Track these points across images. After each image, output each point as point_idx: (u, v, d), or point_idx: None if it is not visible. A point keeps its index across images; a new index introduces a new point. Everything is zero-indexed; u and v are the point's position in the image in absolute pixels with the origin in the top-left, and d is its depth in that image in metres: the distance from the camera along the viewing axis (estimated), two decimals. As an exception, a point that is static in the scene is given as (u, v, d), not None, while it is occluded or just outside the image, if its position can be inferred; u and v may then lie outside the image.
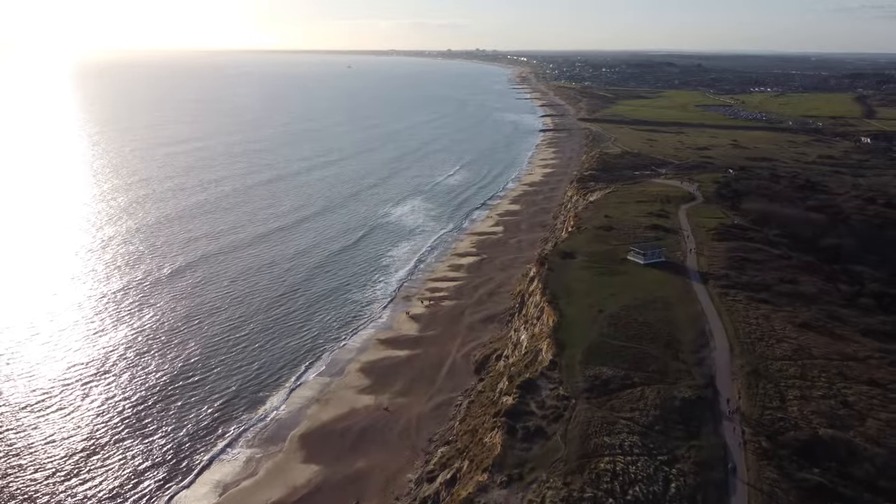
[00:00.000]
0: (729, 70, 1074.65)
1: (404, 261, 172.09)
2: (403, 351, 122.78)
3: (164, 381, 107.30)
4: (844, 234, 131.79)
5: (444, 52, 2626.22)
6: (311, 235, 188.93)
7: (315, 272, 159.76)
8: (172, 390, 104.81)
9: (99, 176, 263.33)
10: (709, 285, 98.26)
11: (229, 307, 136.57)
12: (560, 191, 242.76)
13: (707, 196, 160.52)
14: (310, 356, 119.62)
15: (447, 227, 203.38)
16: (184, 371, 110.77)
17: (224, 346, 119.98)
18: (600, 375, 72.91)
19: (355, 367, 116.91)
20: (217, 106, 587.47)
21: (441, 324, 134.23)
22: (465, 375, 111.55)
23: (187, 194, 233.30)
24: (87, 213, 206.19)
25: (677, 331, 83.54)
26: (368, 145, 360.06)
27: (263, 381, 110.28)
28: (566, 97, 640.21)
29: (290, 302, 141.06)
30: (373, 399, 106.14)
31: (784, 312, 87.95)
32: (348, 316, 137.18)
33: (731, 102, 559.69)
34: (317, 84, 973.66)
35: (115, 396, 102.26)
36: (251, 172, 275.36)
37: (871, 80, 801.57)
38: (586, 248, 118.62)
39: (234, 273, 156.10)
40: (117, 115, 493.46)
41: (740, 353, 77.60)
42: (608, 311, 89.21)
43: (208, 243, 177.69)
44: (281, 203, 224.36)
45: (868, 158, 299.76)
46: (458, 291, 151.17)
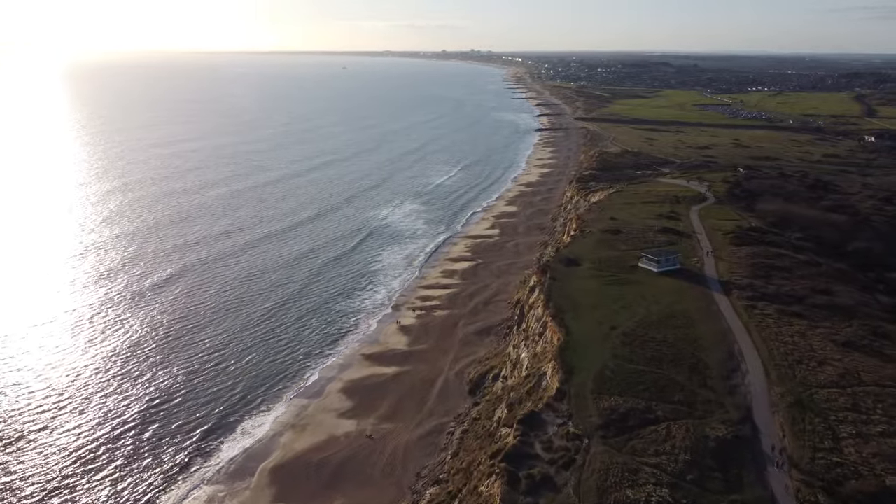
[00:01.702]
0: (725, 70, 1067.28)
1: (395, 267, 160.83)
2: (390, 368, 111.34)
3: (130, 410, 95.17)
4: (872, 237, 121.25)
5: (439, 53, 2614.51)
6: (304, 242, 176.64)
7: (305, 281, 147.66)
8: (136, 421, 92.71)
9: (85, 179, 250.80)
10: (732, 297, 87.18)
11: (212, 323, 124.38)
12: (559, 191, 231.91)
13: (719, 196, 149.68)
14: (289, 376, 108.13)
15: (441, 230, 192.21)
16: (154, 397, 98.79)
17: (201, 368, 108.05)
18: (617, 408, 61.65)
19: (337, 387, 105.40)
20: (212, 107, 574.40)
21: (432, 336, 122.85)
22: (458, 397, 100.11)
23: (177, 198, 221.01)
24: (68, 220, 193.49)
25: (702, 352, 72.35)
26: (365, 146, 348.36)
27: (236, 405, 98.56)
28: (562, 97, 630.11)
29: (276, 316, 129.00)
30: (354, 425, 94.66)
31: (822, 329, 76.92)
32: (332, 328, 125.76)
33: (730, 101, 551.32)
34: (313, 84, 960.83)
35: (70, 430, 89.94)
36: (244, 175, 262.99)
37: (869, 80, 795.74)
38: (592, 253, 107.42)
39: (220, 284, 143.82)
40: (111, 115, 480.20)
41: (778, 380, 66.47)
42: (621, 328, 77.97)
43: (196, 251, 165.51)
44: (274, 207, 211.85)
45: (875, 157, 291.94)
46: (451, 300, 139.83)
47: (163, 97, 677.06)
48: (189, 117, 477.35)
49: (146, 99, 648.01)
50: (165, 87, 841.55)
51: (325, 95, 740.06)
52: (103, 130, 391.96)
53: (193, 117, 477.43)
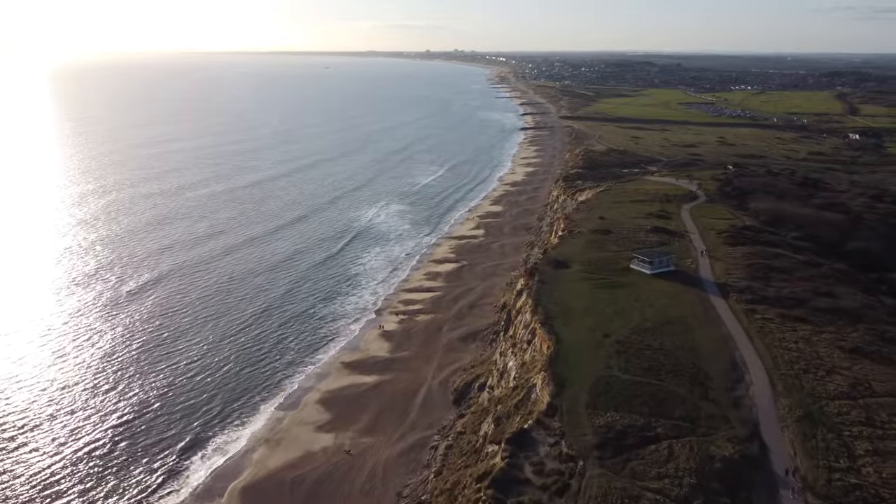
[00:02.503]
0: (708, 69, 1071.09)
1: (377, 270, 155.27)
2: (371, 376, 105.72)
3: (98, 428, 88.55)
4: (870, 236, 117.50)
5: (422, 53, 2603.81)
6: (286, 245, 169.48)
7: (286, 287, 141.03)
8: (104, 440, 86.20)
9: (64, 180, 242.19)
10: (731, 300, 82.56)
11: (189, 332, 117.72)
12: (544, 190, 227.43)
13: (710, 194, 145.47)
14: (266, 386, 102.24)
15: (425, 232, 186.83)
16: (124, 414, 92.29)
17: (175, 381, 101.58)
18: (613, 425, 56.57)
19: (314, 398, 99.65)
20: (201, 105, 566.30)
21: (415, 342, 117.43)
22: (442, 408, 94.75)
23: (156, 200, 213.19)
24: (41, 223, 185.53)
25: (702, 361, 67.53)
26: (350, 146, 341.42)
27: (209, 420, 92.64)
28: (546, 96, 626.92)
29: (256, 323, 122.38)
30: (332, 439, 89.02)
31: (827, 334, 72.46)
32: (311, 335, 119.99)
33: (713, 100, 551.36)
34: (298, 85, 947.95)
35: (33, 450, 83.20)
36: (226, 176, 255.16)
37: (850, 79, 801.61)
38: (582, 255, 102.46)
39: (199, 291, 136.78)
40: (98, 115, 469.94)
41: (785, 391, 61.79)
42: (615, 336, 72.97)
43: (174, 256, 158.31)
44: (256, 210, 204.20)
45: (860, 155, 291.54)
46: (434, 304, 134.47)
47: (154, 97, 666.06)
48: (177, 117, 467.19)
49: (135, 99, 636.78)
50: (158, 88, 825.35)
51: (311, 95, 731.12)
52: (88, 131, 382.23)
53: (181, 118, 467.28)
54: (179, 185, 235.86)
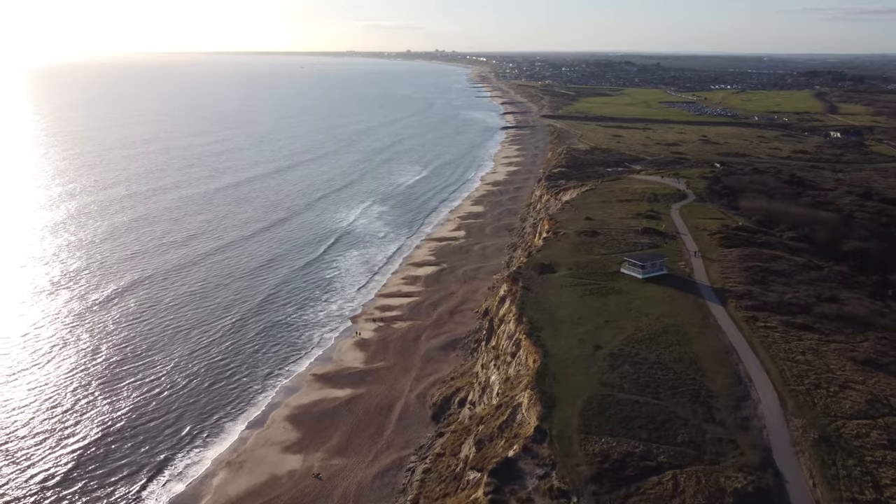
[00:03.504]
0: (687, 69, 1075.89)
1: (354, 274, 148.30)
2: (344, 390, 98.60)
3: (52, 455, 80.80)
4: (866, 236, 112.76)
5: (403, 53, 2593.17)
6: (262, 251, 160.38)
7: (259, 295, 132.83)
8: (56, 467, 78.67)
9: (35, 182, 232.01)
10: (729, 306, 76.70)
11: (156, 347, 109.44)
12: (527, 190, 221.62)
13: (699, 193, 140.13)
14: (234, 403, 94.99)
15: (404, 233, 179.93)
16: (83, 437, 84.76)
17: (139, 401, 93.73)
18: (610, 453, 50.14)
19: (282, 415, 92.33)
20: (177, 105, 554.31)
21: (392, 352, 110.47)
22: (419, 424, 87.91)
23: (130, 203, 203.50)
24: (11, 228, 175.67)
25: (704, 375, 61.41)
26: (331, 147, 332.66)
27: (173, 442, 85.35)
28: (527, 95, 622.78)
29: (227, 334, 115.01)
30: (300, 460, 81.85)
31: (836, 344, 66.79)
32: (281, 345, 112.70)
33: (694, 99, 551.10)
34: (276, 85, 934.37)
35: None
36: (204, 178, 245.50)
37: (827, 78, 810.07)
38: (568, 258, 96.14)
39: (170, 301, 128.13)
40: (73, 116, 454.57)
41: (797, 409, 55.85)
42: (607, 348, 66.66)
43: (146, 263, 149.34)
44: (233, 214, 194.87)
45: (843, 153, 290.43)
46: (413, 310, 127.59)
47: (114, 97, 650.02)
48: (155, 117, 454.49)
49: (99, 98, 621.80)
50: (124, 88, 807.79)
51: (292, 96, 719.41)
52: (61, 132, 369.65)
53: (157, 118, 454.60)
54: (153, 188, 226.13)
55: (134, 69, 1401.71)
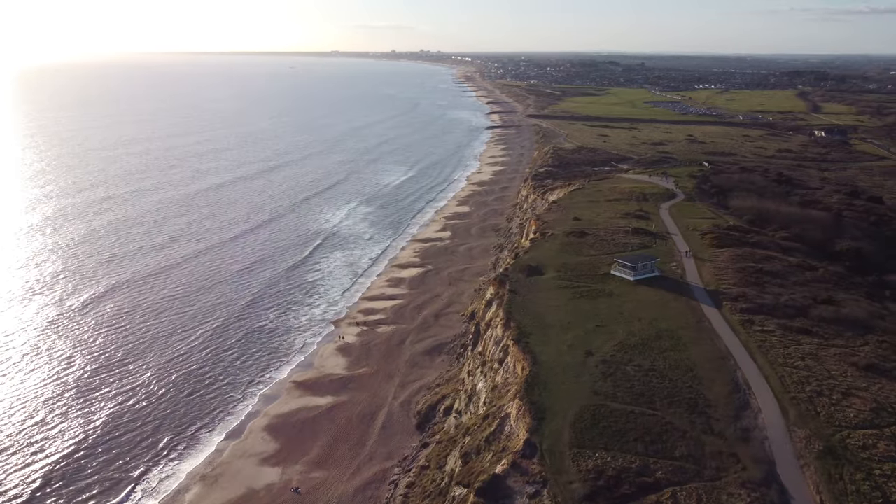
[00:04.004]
0: (671, 69, 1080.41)
1: (337, 276, 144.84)
2: (325, 398, 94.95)
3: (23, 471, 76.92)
4: (858, 235, 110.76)
5: (388, 54, 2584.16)
6: (245, 254, 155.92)
7: (240, 299, 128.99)
8: (27, 481, 74.87)
9: (14, 184, 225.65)
10: (724, 309, 73.94)
11: (134, 355, 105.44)
12: (513, 190, 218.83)
13: (688, 192, 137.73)
14: (210, 413, 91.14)
15: (389, 234, 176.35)
16: (56, 451, 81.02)
17: (114, 412, 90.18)
18: (604, 468, 47.00)
19: (260, 425, 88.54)
20: (161, 106, 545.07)
21: (375, 358, 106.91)
22: (403, 434, 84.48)
23: (109, 205, 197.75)
24: None
25: (701, 383, 58.49)
26: (317, 147, 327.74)
27: (147, 455, 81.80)
28: (513, 95, 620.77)
29: (206, 341, 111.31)
30: (278, 473, 78.18)
31: (836, 348, 64.18)
32: (263, 351, 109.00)
33: (679, 99, 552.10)
34: (262, 85, 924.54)
35: None
36: (188, 179, 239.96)
37: (809, 78, 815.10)
38: (557, 259, 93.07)
39: (149, 307, 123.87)
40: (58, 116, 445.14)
41: (799, 419, 53.04)
42: (599, 354, 63.58)
43: (125, 268, 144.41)
44: (217, 216, 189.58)
45: (828, 152, 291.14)
46: (397, 313, 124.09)
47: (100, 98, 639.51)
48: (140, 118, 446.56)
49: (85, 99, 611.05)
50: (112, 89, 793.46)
51: (274, 95, 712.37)
52: (44, 132, 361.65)
53: (143, 118, 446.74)
54: (134, 190, 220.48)
55: (122, 69, 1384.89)
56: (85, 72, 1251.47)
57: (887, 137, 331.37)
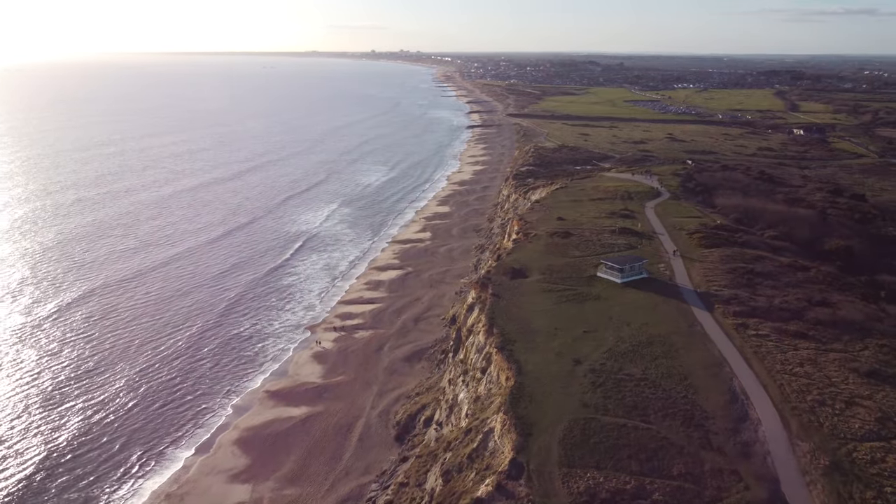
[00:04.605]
0: (650, 68, 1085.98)
1: (314, 279, 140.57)
2: (300, 408, 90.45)
3: None
4: (847, 234, 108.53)
5: (367, 53, 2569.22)
6: (221, 258, 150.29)
7: (217, 305, 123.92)
8: None
9: None
10: (716, 312, 70.68)
11: (106, 364, 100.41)
12: (494, 189, 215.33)
13: (673, 191, 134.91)
14: (179, 426, 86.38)
15: (367, 236, 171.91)
16: (12, 469, 76.04)
17: (79, 427, 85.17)
18: (597, 490, 43.24)
19: (230, 439, 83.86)
20: (139, 106, 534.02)
21: (352, 365, 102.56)
22: (381, 447, 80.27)
23: (84, 208, 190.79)
24: None
25: (696, 393, 55.03)
26: (296, 148, 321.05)
27: (110, 473, 77.10)
28: (493, 94, 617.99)
29: (179, 350, 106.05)
30: (248, 491, 73.74)
31: (835, 353, 61.14)
32: (236, 359, 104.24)
33: (658, 98, 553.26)
34: (240, 86, 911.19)
35: None
36: (165, 181, 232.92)
37: (786, 77, 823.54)
38: (541, 261, 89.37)
39: (124, 313, 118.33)
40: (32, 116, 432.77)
41: (802, 431, 49.74)
42: (588, 363, 59.89)
43: (102, 271, 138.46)
44: (193, 218, 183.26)
45: (807, 150, 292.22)
46: (375, 317, 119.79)
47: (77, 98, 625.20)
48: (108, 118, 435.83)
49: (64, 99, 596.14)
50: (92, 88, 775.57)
51: (253, 95, 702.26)
52: (17, 133, 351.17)
53: (113, 118, 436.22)
54: (109, 191, 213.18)
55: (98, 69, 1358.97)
56: (64, 72, 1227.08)
57: (864, 135, 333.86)
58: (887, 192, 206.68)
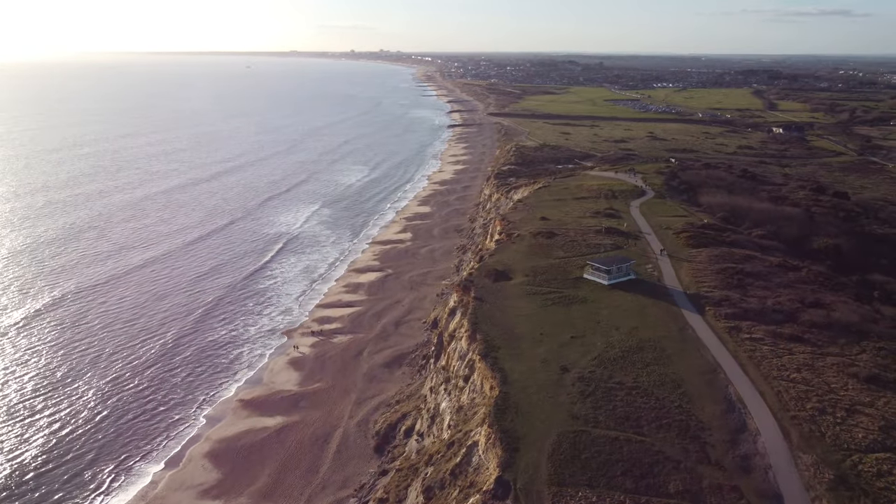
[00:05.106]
0: (629, 68, 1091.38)
1: (291, 282, 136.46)
2: (275, 418, 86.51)
3: None
4: (835, 232, 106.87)
5: (347, 53, 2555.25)
6: (197, 261, 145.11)
7: (192, 310, 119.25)
8: None
9: None
10: (707, 315, 68.02)
11: (74, 375, 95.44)
12: (475, 189, 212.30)
13: (657, 189, 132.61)
14: (148, 439, 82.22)
15: (347, 237, 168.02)
16: None
17: (43, 442, 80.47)
18: (590, 512, 40.01)
19: (201, 451, 79.74)
20: (117, 106, 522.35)
21: (330, 371, 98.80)
22: (360, 458, 76.66)
23: (58, 210, 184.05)
24: None
25: (691, 402, 52.17)
26: (278, 148, 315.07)
27: (74, 490, 72.96)
28: (473, 94, 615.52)
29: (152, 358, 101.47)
30: (220, 508, 69.67)
31: (832, 357, 58.69)
32: (209, 367, 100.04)
33: (638, 97, 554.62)
34: (219, 84, 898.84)
35: None
36: (142, 182, 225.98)
37: (763, 77, 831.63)
38: (525, 263, 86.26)
39: (95, 320, 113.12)
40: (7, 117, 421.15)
41: (803, 442, 47.04)
42: (576, 370, 56.81)
43: (72, 277, 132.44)
44: (168, 221, 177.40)
45: (786, 148, 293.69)
46: (354, 321, 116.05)
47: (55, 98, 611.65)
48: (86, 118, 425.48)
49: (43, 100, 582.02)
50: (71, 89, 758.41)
51: (233, 94, 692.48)
52: None
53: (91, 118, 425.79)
54: (84, 193, 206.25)
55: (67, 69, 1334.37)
56: (44, 71, 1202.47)
57: (843, 134, 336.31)
58: (868, 190, 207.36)
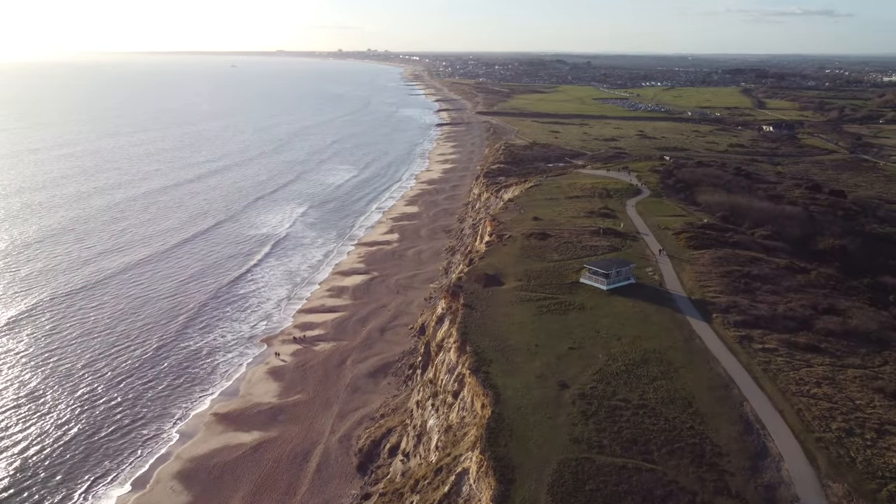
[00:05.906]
0: (617, 67, 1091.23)
1: (273, 287, 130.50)
2: (251, 434, 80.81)
3: None
4: (839, 232, 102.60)
5: (335, 53, 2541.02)
6: (178, 266, 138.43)
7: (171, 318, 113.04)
8: None
9: None
10: (715, 323, 63.08)
11: (44, 388, 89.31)
12: (464, 188, 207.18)
13: (653, 188, 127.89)
14: (115, 458, 76.53)
15: (332, 238, 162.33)
16: None
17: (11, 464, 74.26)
18: (597, 556, 34.76)
19: (170, 471, 73.96)
20: (103, 105, 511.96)
21: (311, 381, 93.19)
22: (342, 478, 71.17)
23: (37, 213, 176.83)
24: None
25: (704, 423, 47.11)
26: (265, 148, 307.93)
27: None
28: (462, 92, 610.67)
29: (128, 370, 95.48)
30: (188, 536, 64.02)
31: (853, 369, 53.94)
32: (182, 378, 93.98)
33: (627, 96, 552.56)
34: (207, 83, 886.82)
35: None
36: (126, 183, 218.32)
37: (750, 75, 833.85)
38: (517, 266, 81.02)
39: (71, 330, 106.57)
40: None
41: (832, 469, 42.10)
42: (576, 386, 51.62)
43: (48, 284, 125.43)
44: (151, 223, 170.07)
45: (778, 146, 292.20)
46: (338, 327, 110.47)
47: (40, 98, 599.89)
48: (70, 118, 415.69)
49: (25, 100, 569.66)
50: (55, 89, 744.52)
51: (221, 93, 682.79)
52: None
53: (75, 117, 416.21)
54: (66, 195, 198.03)
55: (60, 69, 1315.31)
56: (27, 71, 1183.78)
57: (833, 132, 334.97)
58: (862, 188, 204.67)
